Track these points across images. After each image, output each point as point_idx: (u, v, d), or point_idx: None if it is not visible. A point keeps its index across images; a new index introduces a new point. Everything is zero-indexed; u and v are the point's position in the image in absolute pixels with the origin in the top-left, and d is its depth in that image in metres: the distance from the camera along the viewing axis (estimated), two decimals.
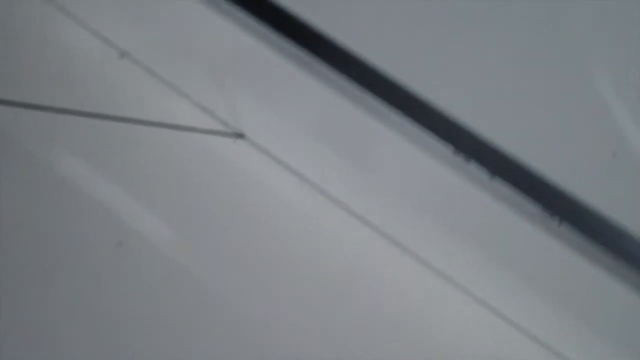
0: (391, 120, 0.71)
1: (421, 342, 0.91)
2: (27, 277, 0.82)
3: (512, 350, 0.91)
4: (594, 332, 0.82)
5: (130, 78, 0.97)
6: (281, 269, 0.94)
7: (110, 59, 0.97)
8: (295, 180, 0.98)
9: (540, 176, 0.70)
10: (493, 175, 0.70)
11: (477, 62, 0.70)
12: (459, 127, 0.70)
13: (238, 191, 0.97)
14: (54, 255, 0.86)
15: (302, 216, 0.98)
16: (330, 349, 0.89)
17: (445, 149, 0.70)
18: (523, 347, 0.90)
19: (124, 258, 0.89)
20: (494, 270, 0.84)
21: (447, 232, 0.84)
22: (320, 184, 0.98)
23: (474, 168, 0.70)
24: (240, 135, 1.00)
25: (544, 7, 0.68)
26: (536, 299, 0.83)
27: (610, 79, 0.70)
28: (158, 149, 0.96)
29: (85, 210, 0.90)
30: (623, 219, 0.69)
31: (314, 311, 0.91)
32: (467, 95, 0.71)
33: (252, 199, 0.98)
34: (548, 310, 0.84)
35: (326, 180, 0.97)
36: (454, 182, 0.71)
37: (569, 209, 0.70)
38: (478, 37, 0.70)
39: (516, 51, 0.69)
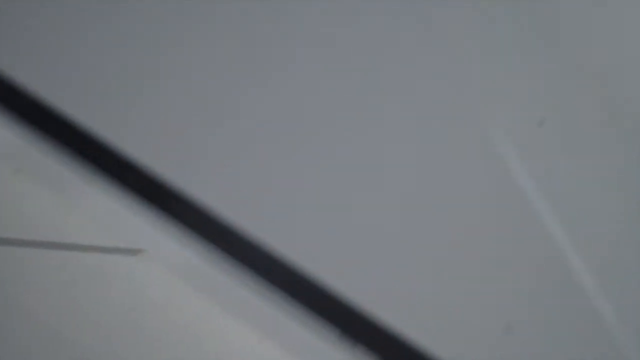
0: (273, 299, 0.68)
1: None
2: None
3: None
4: None
5: (24, 195, 0.92)
6: None
7: (3, 176, 0.92)
8: (201, 300, 0.96)
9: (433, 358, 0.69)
10: None
11: (368, 243, 0.69)
12: (346, 309, 0.68)
13: (139, 311, 0.95)
14: None
15: (208, 335, 0.96)
16: None
17: (330, 333, 0.68)
18: None
19: None
20: None
21: None
22: (226, 305, 0.95)
23: (361, 353, 0.68)
24: (139, 251, 0.96)
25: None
26: None
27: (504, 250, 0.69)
28: (50, 271, 0.92)
29: None
30: None
31: None
32: (353, 276, 0.69)
33: (154, 319, 0.95)
34: None
35: (231, 303, 0.94)
36: None
37: None
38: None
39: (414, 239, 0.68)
